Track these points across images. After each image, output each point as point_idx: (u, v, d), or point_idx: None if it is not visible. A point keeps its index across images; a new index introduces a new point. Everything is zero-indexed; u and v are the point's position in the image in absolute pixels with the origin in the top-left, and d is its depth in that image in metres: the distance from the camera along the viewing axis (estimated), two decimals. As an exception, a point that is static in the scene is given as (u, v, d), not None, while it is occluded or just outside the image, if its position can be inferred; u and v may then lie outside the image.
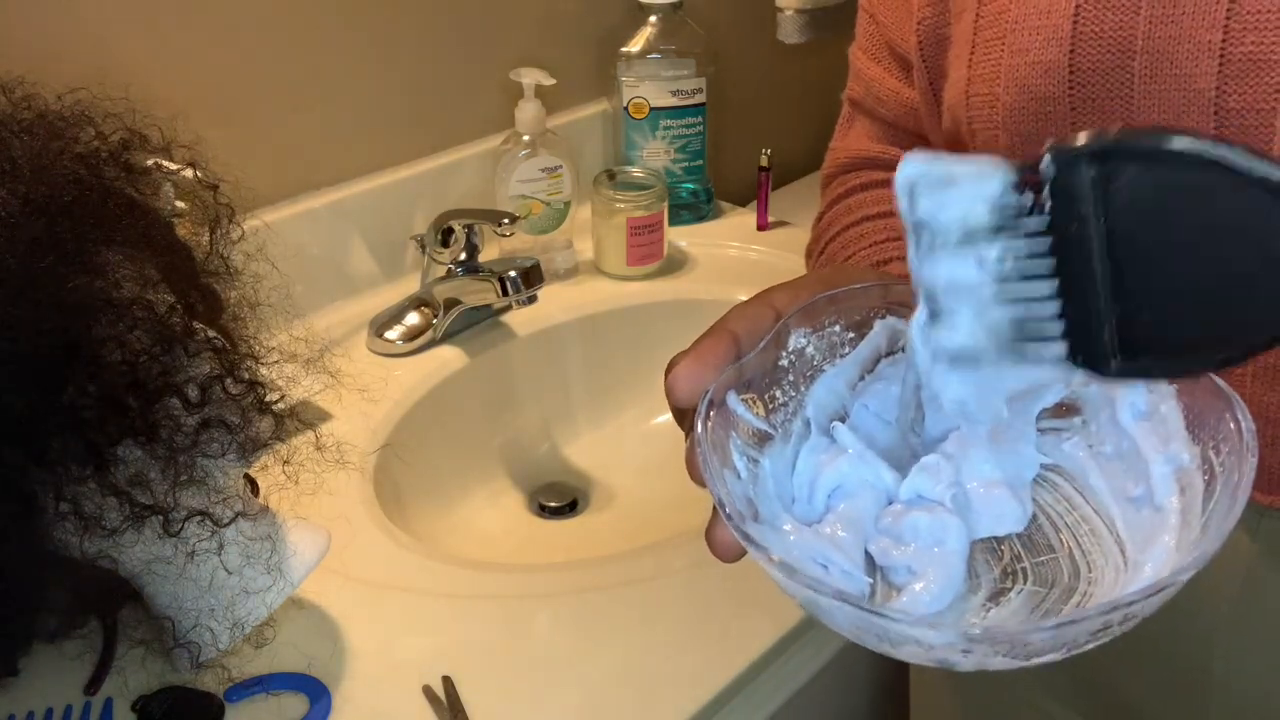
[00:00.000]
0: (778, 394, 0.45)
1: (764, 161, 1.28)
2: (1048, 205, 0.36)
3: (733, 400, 0.43)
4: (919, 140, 0.70)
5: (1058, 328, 0.37)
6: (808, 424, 0.45)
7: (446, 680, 0.71)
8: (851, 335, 0.45)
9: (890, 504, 0.44)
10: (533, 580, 0.82)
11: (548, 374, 1.13)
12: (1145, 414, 0.42)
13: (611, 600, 0.78)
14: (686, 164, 1.27)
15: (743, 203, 1.36)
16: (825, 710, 0.84)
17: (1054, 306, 0.37)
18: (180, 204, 0.75)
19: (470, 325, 1.09)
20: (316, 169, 1.08)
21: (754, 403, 0.44)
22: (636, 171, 1.23)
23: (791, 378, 0.45)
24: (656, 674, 0.72)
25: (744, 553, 0.43)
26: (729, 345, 0.44)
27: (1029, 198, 0.37)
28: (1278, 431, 0.54)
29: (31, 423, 0.57)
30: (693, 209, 1.30)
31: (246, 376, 0.65)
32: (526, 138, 1.14)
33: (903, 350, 0.45)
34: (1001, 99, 0.55)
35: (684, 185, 1.28)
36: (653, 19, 1.23)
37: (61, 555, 0.63)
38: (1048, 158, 0.36)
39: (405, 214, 1.13)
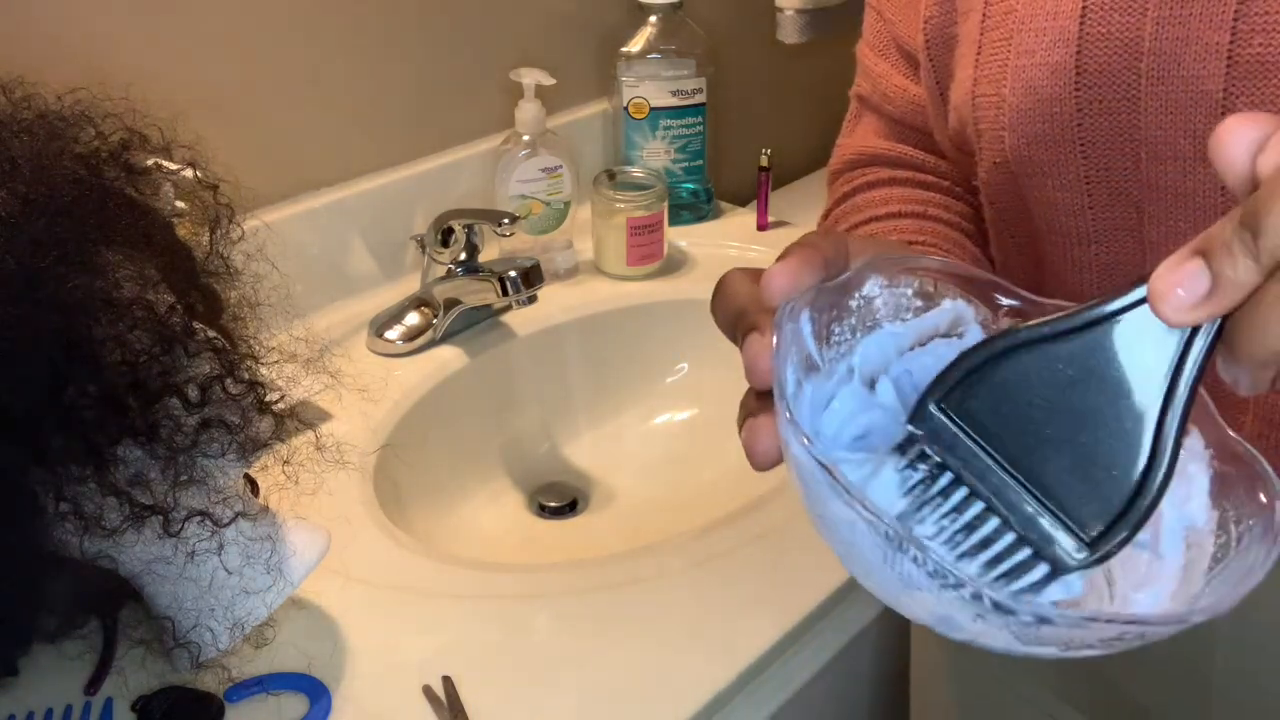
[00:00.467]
0: (835, 330, 0.44)
1: (764, 161, 1.28)
2: (937, 459, 0.38)
3: (804, 320, 0.42)
4: (927, 137, 0.69)
5: (1024, 551, 0.38)
6: (851, 371, 0.45)
7: (446, 680, 0.71)
8: (919, 303, 0.45)
9: None
10: (533, 580, 0.82)
11: (548, 374, 1.13)
12: None
13: (611, 600, 0.78)
14: (686, 164, 1.27)
15: (743, 203, 1.36)
16: (825, 710, 0.84)
17: (1010, 536, 0.38)
18: (180, 204, 0.75)
19: (470, 325, 1.09)
20: (316, 169, 1.08)
21: (818, 333, 0.44)
22: (636, 171, 1.23)
23: (853, 321, 0.45)
24: (656, 674, 0.72)
25: (778, 460, 0.42)
26: (821, 264, 0.42)
27: (924, 467, 0.39)
28: None
29: (31, 423, 0.57)
30: (693, 209, 1.30)
31: (246, 376, 0.65)
32: (526, 138, 1.14)
33: (959, 335, 0.45)
34: (1008, 100, 0.55)
35: (684, 185, 1.28)
36: (653, 19, 1.23)
37: (61, 555, 0.63)
38: (908, 428, 0.39)
39: (405, 214, 1.13)
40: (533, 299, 1.02)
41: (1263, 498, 0.38)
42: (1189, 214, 0.52)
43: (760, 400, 0.42)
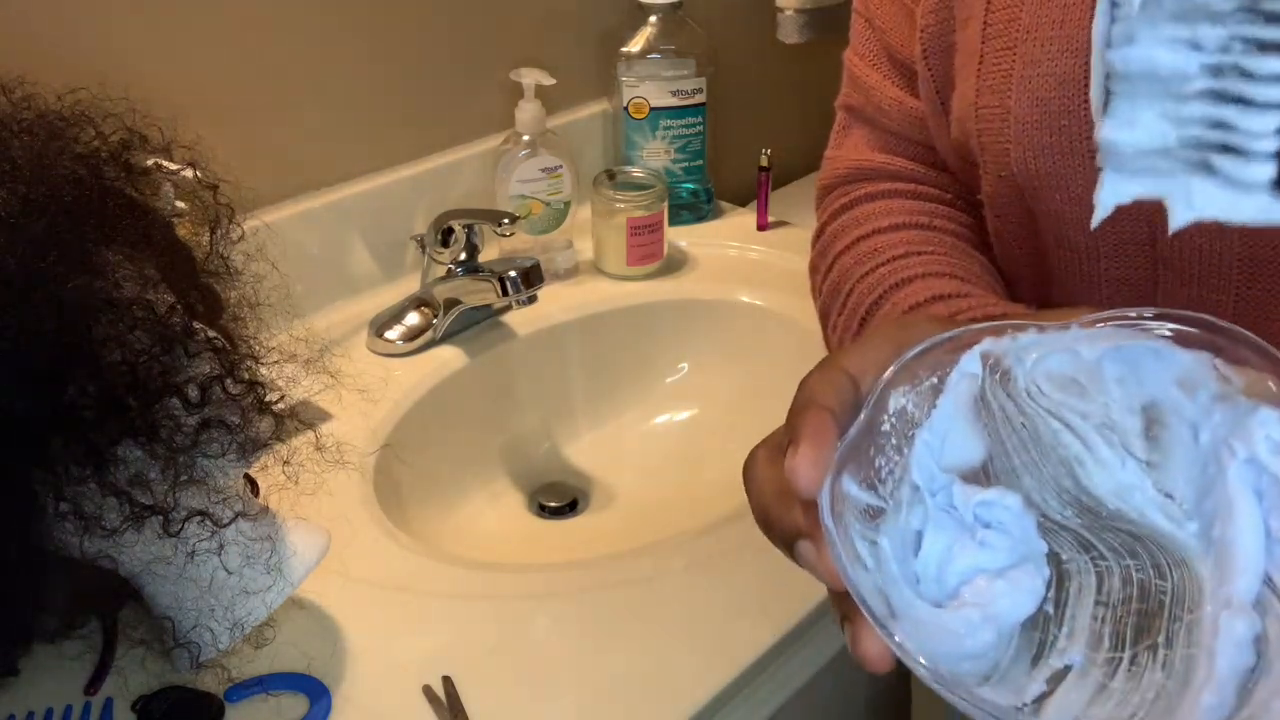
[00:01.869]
0: (881, 464, 0.39)
1: (764, 161, 1.28)
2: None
3: (846, 481, 0.38)
4: (924, 149, 0.67)
5: (1269, 145, 0.31)
6: (915, 488, 0.39)
7: (446, 680, 0.71)
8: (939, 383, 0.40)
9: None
10: (533, 580, 0.82)
11: (548, 374, 1.13)
12: None
13: (611, 600, 0.78)
14: (686, 164, 1.27)
15: (743, 203, 1.36)
16: (826, 711, 0.84)
17: (1274, 119, 0.31)
18: (180, 204, 0.75)
19: (470, 325, 1.09)
20: (316, 169, 1.08)
21: (864, 479, 0.39)
22: (636, 171, 1.22)
23: (895, 441, 0.39)
24: (656, 674, 0.72)
25: (897, 660, 0.37)
26: (832, 423, 0.39)
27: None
28: None
29: (31, 423, 0.57)
30: (693, 209, 1.30)
31: (246, 376, 0.65)
32: (526, 138, 1.14)
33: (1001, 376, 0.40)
34: (1013, 111, 0.53)
35: (684, 185, 1.28)
36: (653, 19, 1.22)
37: (61, 555, 0.63)
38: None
39: (405, 214, 1.13)
40: (533, 299, 1.02)
41: None
42: (1203, 227, 0.49)
43: (847, 600, 0.37)
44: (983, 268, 0.62)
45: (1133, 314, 0.38)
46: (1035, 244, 0.59)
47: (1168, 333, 0.38)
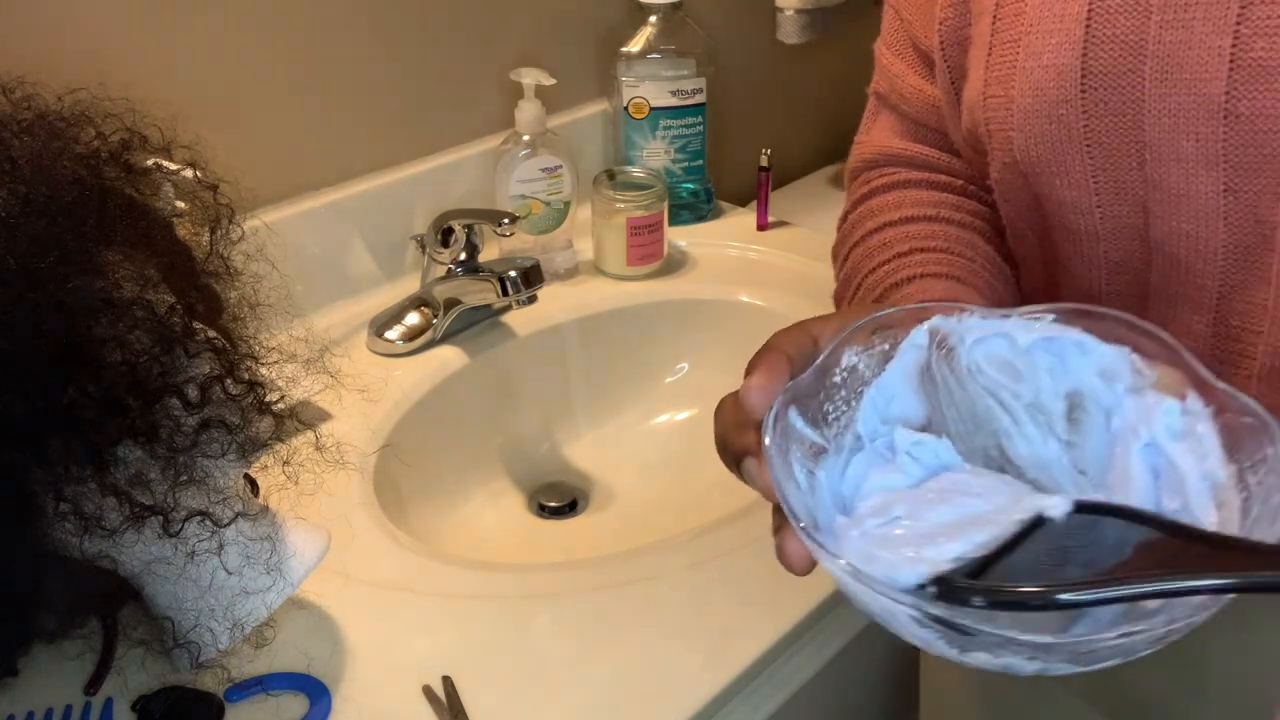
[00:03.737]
0: (829, 409, 0.46)
1: (764, 161, 1.28)
2: None
3: (793, 415, 0.44)
4: (944, 137, 0.69)
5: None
6: (858, 437, 0.46)
7: (446, 680, 0.71)
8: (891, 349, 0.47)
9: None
10: (533, 580, 0.82)
11: (548, 374, 1.13)
12: (1181, 434, 0.42)
13: (611, 600, 0.78)
14: (686, 164, 1.27)
15: (743, 203, 1.36)
16: (826, 710, 0.84)
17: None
18: (180, 204, 0.75)
19: (470, 325, 1.09)
20: (316, 169, 1.08)
21: (811, 418, 0.45)
22: (636, 171, 1.23)
23: (844, 393, 0.47)
24: (656, 674, 0.72)
25: (814, 564, 0.44)
26: (785, 362, 0.46)
27: None
28: None
29: (31, 423, 0.57)
30: (693, 209, 1.30)
31: (246, 377, 0.65)
32: (526, 138, 1.14)
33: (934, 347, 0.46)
34: (1016, 101, 0.56)
35: (684, 185, 1.28)
36: (653, 19, 1.22)
37: (61, 555, 0.63)
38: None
39: (405, 214, 1.13)
40: (533, 299, 1.02)
41: (1269, 449, 0.39)
42: (1191, 215, 0.53)
43: (779, 512, 0.43)
44: (986, 262, 0.64)
45: (1067, 308, 0.45)
46: (1042, 228, 0.61)
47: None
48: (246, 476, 0.74)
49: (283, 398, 0.68)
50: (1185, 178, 0.52)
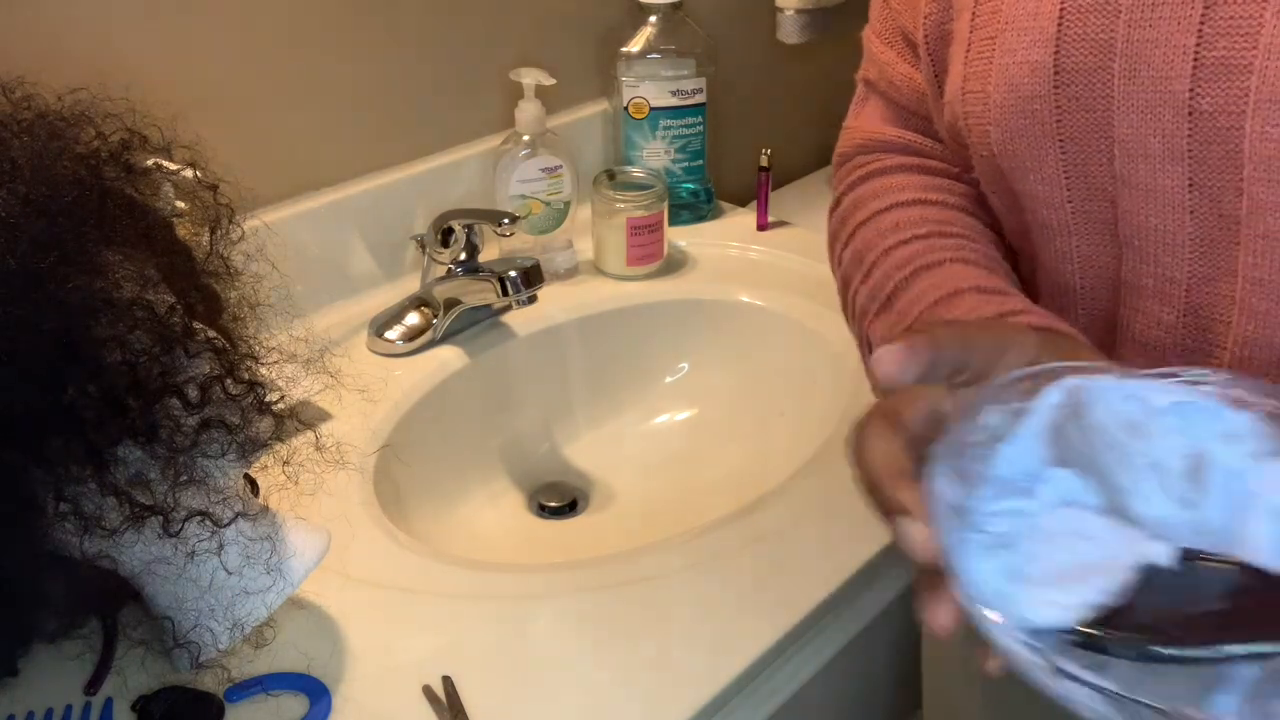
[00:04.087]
0: (973, 470, 0.45)
1: (764, 161, 1.28)
2: None
3: (940, 480, 0.43)
4: (930, 123, 0.70)
5: None
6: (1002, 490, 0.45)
7: (446, 680, 0.71)
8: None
9: None
10: (533, 580, 0.82)
11: (548, 374, 1.13)
12: None
13: (611, 600, 0.78)
14: (686, 164, 1.27)
15: (743, 203, 1.36)
16: (827, 711, 0.84)
17: None
18: (180, 204, 0.75)
19: (470, 325, 1.09)
20: (316, 169, 1.08)
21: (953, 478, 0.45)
22: (636, 171, 1.22)
23: (981, 451, 0.45)
24: (656, 674, 0.72)
25: (959, 624, 0.42)
26: (927, 354, 0.46)
27: None
28: None
29: (31, 423, 0.57)
30: (693, 209, 1.30)
31: (246, 377, 0.65)
32: (526, 138, 1.14)
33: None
34: (992, 96, 0.57)
35: (684, 185, 1.28)
36: (653, 19, 1.22)
37: (61, 555, 0.63)
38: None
39: (405, 214, 1.13)
40: (533, 299, 1.02)
41: None
42: (1158, 209, 0.54)
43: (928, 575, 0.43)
44: (998, 250, 0.65)
45: (1198, 373, 0.46)
46: (1020, 220, 0.62)
47: (1213, 390, 0.45)
48: (246, 476, 0.74)
49: (283, 398, 0.68)
50: (1152, 173, 0.53)
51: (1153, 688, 0.37)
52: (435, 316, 1.06)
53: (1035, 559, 0.42)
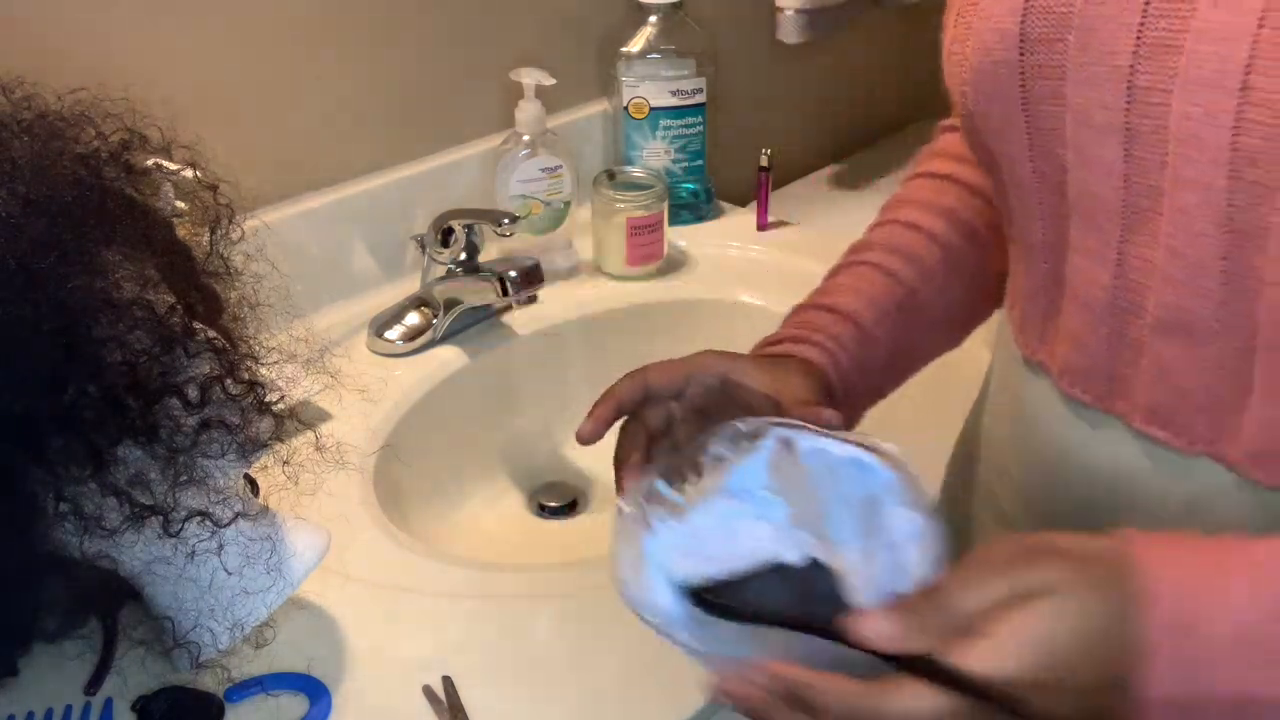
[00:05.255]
0: (692, 481, 0.59)
1: (764, 161, 1.28)
2: None
3: (659, 483, 0.59)
4: None
5: None
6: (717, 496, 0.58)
7: (446, 680, 0.71)
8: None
9: None
10: (533, 580, 0.82)
11: (548, 374, 1.13)
12: (915, 535, 0.55)
13: (611, 600, 0.78)
14: (686, 164, 1.27)
15: (743, 203, 1.36)
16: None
17: None
18: (180, 204, 0.75)
19: (470, 325, 1.09)
20: (316, 169, 1.08)
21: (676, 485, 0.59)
22: (636, 171, 1.22)
23: (710, 471, 0.59)
24: (656, 674, 0.72)
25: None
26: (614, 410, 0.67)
27: None
28: (1178, 382, 0.59)
29: (31, 423, 0.57)
30: (693, 209, 1.30)
31: (246, 377, 0.65)
32: (526, 138, 1.14)
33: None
34: (970, 59, 0.61)
35: (684, 185, 1.28)
36: (653, 19, 1.22)
37: (61, 555, 0.63)
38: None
39: (405, 214, 1.13)
40: (533, 299, 1.02)
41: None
42: (1097, 177, 0.58)
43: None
44: (884, 290, 0.74)
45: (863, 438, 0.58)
46: (998, 180, 0.66)
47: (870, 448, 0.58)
48: (246, 476, 0.74)
49: (283, 398, 0.68)
50: (1094, 142, 0.57)
51: (719, 637, 0.53)
52: (435, 316, 1.06)
53: (702, 541, 0.55)
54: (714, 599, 0.53)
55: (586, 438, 0.66)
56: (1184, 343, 0.57)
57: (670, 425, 0.66)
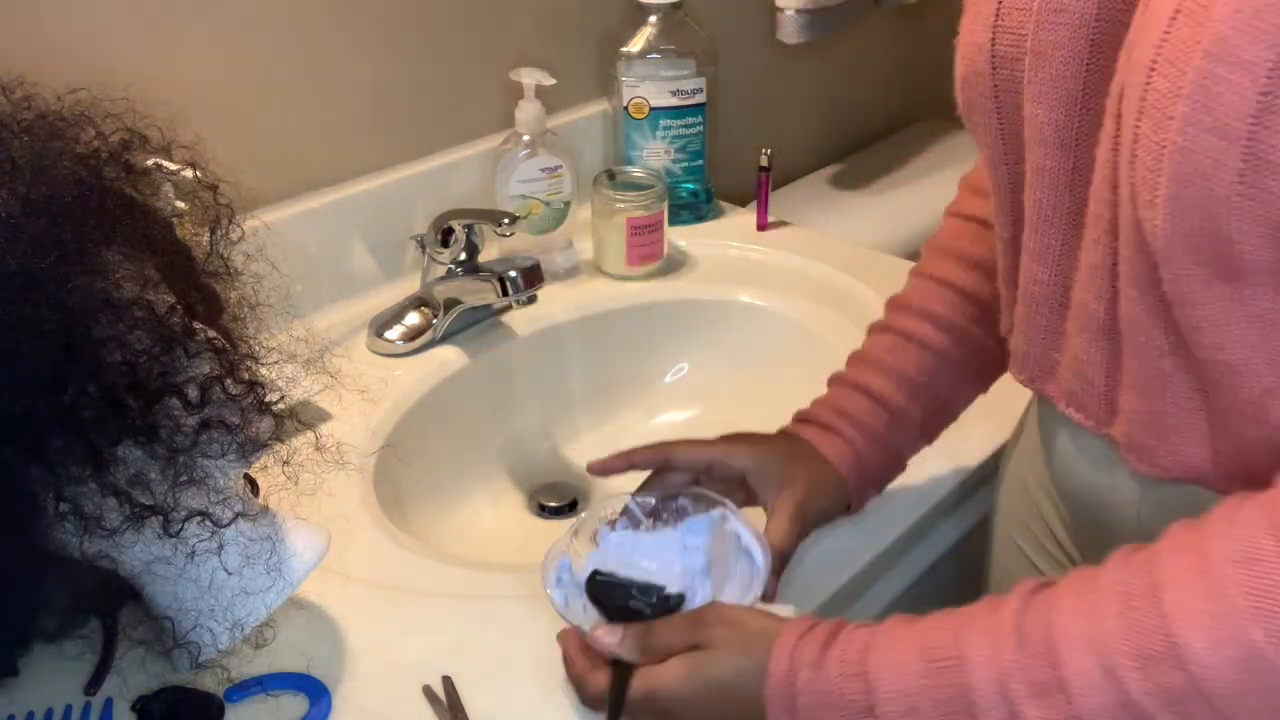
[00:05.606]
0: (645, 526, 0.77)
1: (764, 161, 1.28)
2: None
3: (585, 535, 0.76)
4: None
5: None
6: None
7: (446, 680, 0.71)
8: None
9: None
10: (533, 580, 0.82)
11: (548, 374, 1.13)
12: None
13: (611, 600, 0.78)
14: (686, 164, 1.27)
15: (743, 203, 1.36)
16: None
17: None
18: (180, 204, 0.75)
19: (470, 325, 1.09)
20: (316, 169, 1.08)
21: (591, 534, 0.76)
22: (636, 171, 1.22)
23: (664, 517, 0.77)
24: (656, 674, 0.72)
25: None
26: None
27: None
28: (1084, 370, 0.67)
29: (31, 423, 0.57)
30: (693, 209, 1.30)
31: (246, 377, 0.65)
32: (526, 138, 1.14)
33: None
34: (959, 69, 0.67)
35: (684, 185, 1.28)
36: (653, 19, 1.22)
37: (61, 555, 0.63)
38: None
39: (405, 214, 1.13)
40: (533, 299, 1.02)
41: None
42: (1044, 186, 0.64)
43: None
44: (915, 362, 0.81)
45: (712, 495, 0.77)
46: (988, 176, 0.71)
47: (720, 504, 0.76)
48: (246, 476, 0.74)
49: (283, 398, 0.68)
50: (1045, 155, 0.62)
51: (577, 610, 0.70)
52: (435, 316, 1.06)
53: (633, 552, 0.73)
54: (597, 581, 0.71)
55: (594, 470, 0.81)
56: (1088, 336, 0.65)
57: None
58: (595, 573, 0.72)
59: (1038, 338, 0.70)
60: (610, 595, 0.70)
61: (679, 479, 0.79)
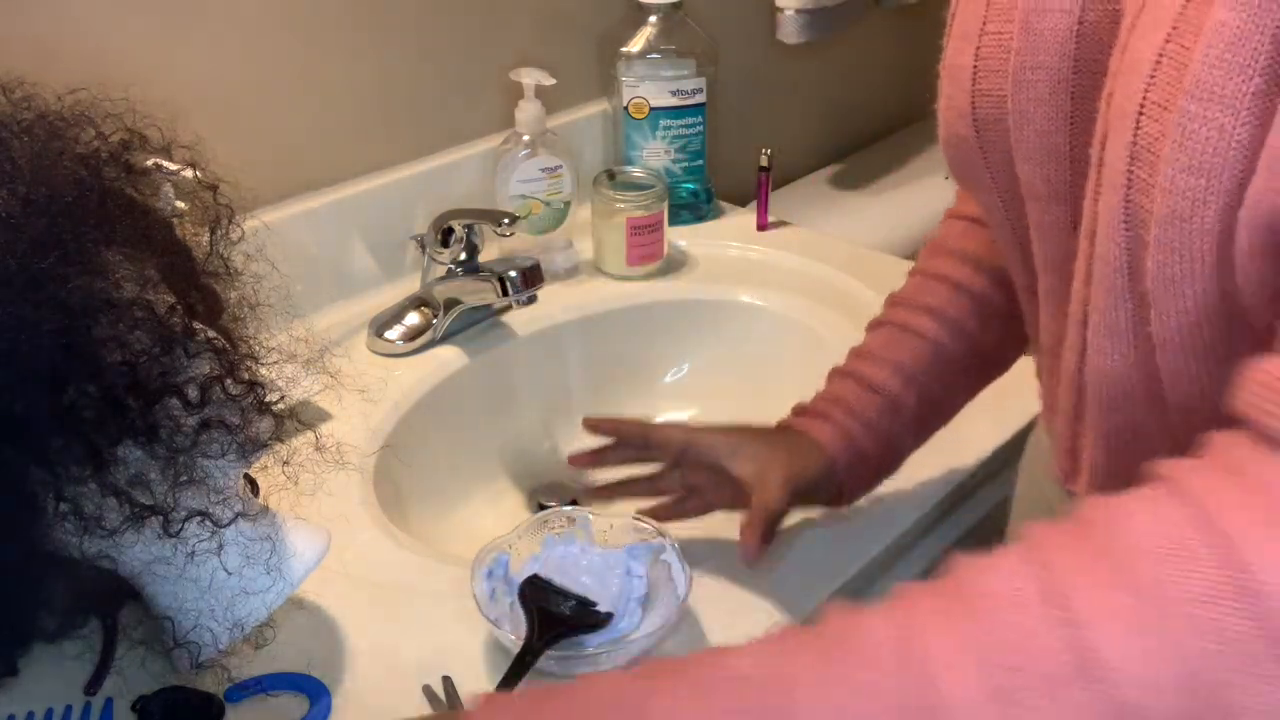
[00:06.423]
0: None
1: (764, 161, 1.28)
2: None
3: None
4: None
5: None
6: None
7: (446, 680, 0.71)
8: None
9: None
10: (533, 580, 0.82)
11: (548, 374, 1.13)
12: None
13: (611, 600, 0.78)
14: (686, 164, 1.27)
15: (743, 203, 1.36)
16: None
17: None
18: (180, 204, 0.75)
19: (470, 325, 1.09)
20: (316, 169, 1.08)
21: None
22: (636, 171, 1.23)
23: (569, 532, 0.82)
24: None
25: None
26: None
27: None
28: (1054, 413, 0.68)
29: (31, 423, 0.57)
30: (693, 209, 1.30)
31: (246, 377, 0.65)
32: (526, 138, 1.15)
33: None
34: (942, 132, 0.66)
35: (684, 185, 1.28)
36: (653, 19, 1.23)
37: (61, 555, 0.63)
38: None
39: (405, 214, 1.13)
40: (533, 299, 1.02)
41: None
42: (1045, 237, 0.63)
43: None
44: (911, 353, 0.81)
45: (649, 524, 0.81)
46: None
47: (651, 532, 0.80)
48: (246, 476, 0.74)
49: (283, 398, 0.68)
50: (1044, 210, 0.61)
51: (503, 611, 0.75)
52: (435, 316, 1.06)
53: (578, 563, 0.78)
54: (535, 584, 0.75)
55: (576, 462, 0.85)
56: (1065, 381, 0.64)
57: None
58: (534, 576, 0.75)
59: (1046, 378, 0.71)
60: (543, 599, 0.74)
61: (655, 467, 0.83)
